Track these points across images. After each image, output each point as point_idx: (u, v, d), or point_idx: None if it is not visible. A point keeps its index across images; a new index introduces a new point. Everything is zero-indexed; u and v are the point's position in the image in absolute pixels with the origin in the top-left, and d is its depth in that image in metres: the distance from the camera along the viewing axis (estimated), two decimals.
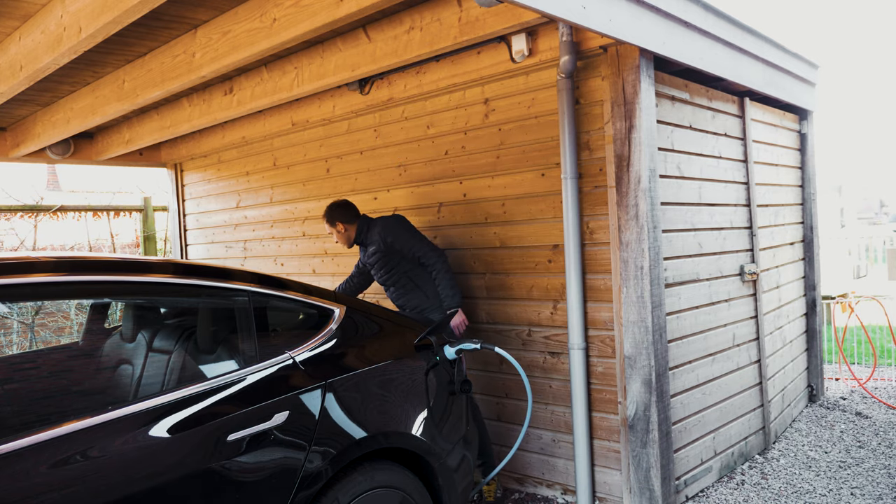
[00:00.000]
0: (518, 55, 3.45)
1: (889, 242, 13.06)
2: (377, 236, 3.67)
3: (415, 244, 3.62)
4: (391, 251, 3.65)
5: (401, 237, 3.63)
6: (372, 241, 3.72)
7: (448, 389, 2.78)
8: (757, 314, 4.21)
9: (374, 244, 3.69)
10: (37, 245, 6.87)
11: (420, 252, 3.62)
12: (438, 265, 3.60)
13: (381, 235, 3.64)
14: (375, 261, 3.74)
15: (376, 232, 3.68)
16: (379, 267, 3.74)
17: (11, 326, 5.97)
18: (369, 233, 3.76)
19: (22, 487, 1.60)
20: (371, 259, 3.76)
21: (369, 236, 3.75)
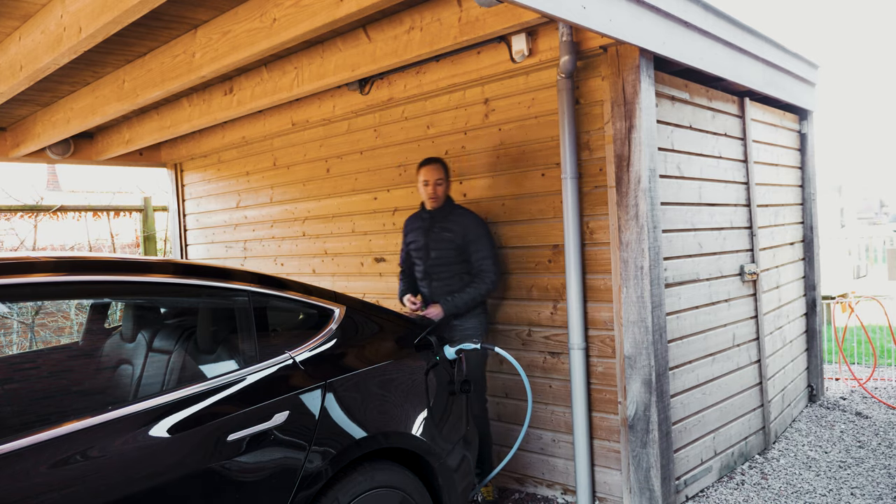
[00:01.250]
0: (518, 55, 3.45)
1: (889, 242, 13.05)
2: (463, 222, 3.46)
3: (489, 253, 3.47)
4: (465, 245, 3.46)
5: (483, 238, 3.47)
6: (454, 224, 3.47)
7: (448, 389, 2.78)
8: (757, 314, 4.21)
9: (456, 230, 3.46)
10: (37, 245, 6.87)
11: (486, 264, 3.45)
12: (488, 279, 3.44)
13: (468, 225, 3.45)
14: (441, 245, 3.49)
15: (465, 218, 3.48)
16: (440, 253, 3.49)
17: (11, 326, 5.97)
18: (453, 213, 3.51)
19: (22, 487, 1.60)
20: (436, 239, 3.50)
21: (453, 217, 3.50)
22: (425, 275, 3.57)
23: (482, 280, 3.45)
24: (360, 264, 4.61)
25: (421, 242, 3.56)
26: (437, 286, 3.52)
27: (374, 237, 4.49)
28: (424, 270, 3.56)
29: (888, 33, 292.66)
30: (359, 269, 4.62)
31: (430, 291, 3.56)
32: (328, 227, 4.84)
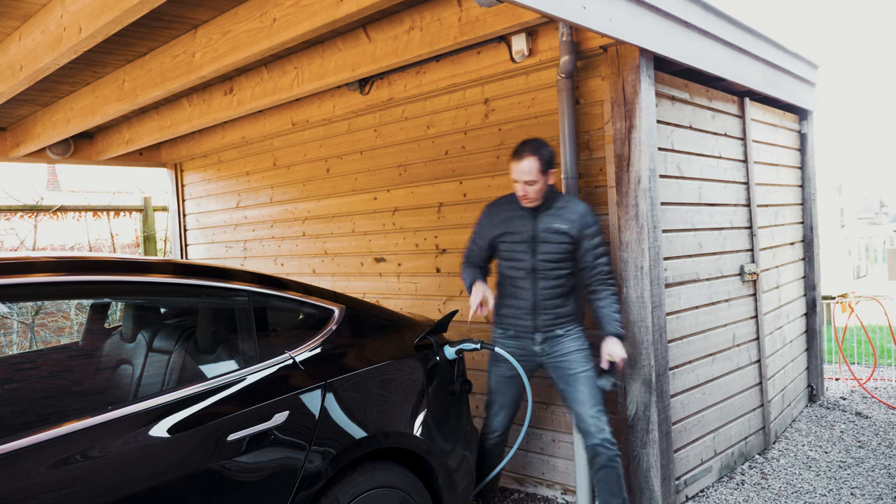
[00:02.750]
0: (518, 55, 3.45)
1: (889, 242, 13.05)
2: (578, 210, 2.98)
3: (603, 247, 3.03)
4: (581, 238, 2.97)
5: (600, 232, 3.02)
6: (568, 212, 2.98)
7: (448, 389, 2.78)
8: (757, 314, 4.21)
9: (571, 219, 2.96)
10: (37, 245, 6.87)
11: (605, 259, 3.01)
12: (613, 281, 3.02)
13: (585, 214, 2.98)
14: (554, 238, 2.96)
15: (579, 206, 3.01)
16: (552, 248, 2.97)
17: (11, 326, 5.97)
18: (560, 200, 3.03)
19: (22, 487, 1.60)
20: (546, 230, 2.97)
21: (561, 204, 3.01)
22: (530, 273, 3.01)
23: (606, 282, 3.02)
24: (360, 264, 4.61)
25: (527, 233, 3.00)
26: (545, 287, 3.01)
27: (374, 237, 4.49)
28: (531, 267, 3.00)
29: (888, 33, 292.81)
30: (359, 269, 4.62)
31: (533, 294, 3.02)
32: (328, 227, 4.84)
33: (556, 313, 3.04)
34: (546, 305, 3.03)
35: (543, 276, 3.00)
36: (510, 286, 3.09)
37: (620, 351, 2.95)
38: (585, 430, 2.98)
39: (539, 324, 3.04)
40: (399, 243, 4.32)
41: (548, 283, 3.01)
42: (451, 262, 4.03)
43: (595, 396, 2.98)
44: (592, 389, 2.99)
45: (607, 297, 3.01)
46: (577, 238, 2.97)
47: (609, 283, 3.02)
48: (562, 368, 3.04)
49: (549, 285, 3.01)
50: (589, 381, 2.99)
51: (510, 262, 3.06)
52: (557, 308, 3.03)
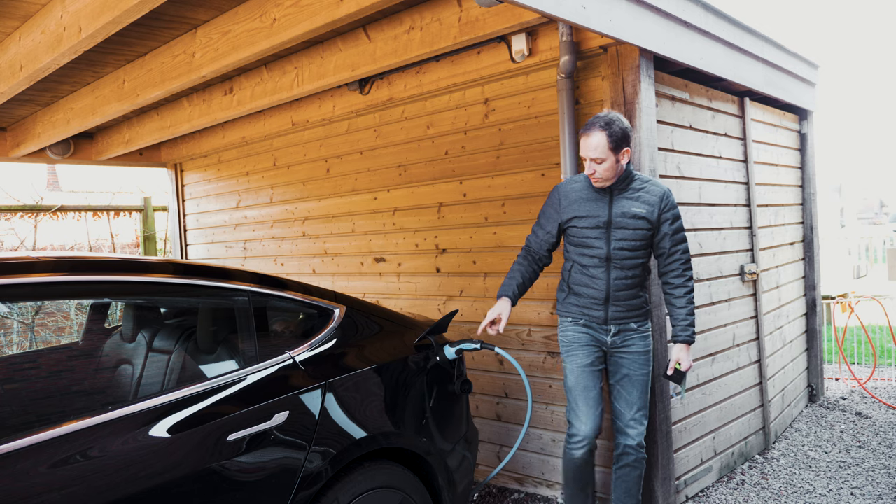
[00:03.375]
0: (518, 55, 3.45)
1: (889, 242, 13.05)
2: (657, 192, 2.78)
3: (683, 233, 2.84)
4: (659, 225, 2.78)
5: (679, 216, 2.82)
6: (647, 194, 2.77)
7: (448, 389, 2.78)
8: (757, 314, 4.21)
9: (650, 201, 2.76)
10: (37, 245, 6.87)
11: (684, 247, 2.81)
12: (691, 273, 2.82)
13: (663, 197, 2.78)
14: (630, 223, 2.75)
15: (658, 188, 2.79)
16: (628, 234, 2.76)
17: (11, 326, 5.97)
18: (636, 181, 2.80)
19: (22, 487, 1.60)
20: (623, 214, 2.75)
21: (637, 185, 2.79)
22: (603, 261, 2.79)
23: (683, 274, 2.81)
24: (360, 264, 4.61)
25: (602, 218, 2.77)
26: (619, 277, 2.79)
27: (374, 237, 4.49)
28: (605, 256, 2.78)
29: (888, 33, 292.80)
30: (359, 269, 4.62)
31: (606, 284, 2.80)
32: (328, 227, 4.84)
33: (629, 305, 2.84)
34: (619, 296, 2.82)
35: (618, 265, 2.79)
36: (581, 274, 2.85)
37: (687, 358, 2.82)
38: (621, 430, 2.89)
39: (612, 315, 2.84)
40: (399, 243, 4.32)
41: (622, 273, 2.79)
42: (451, 262, 4.03)
43: (643, 399, 2.88)
44: (643, 394, 2.88)
45: (682, 294, 2.81)
46: (656, 223, 2.77)
47: (685, 276, 2.81)
48: (623, 366, 2.89)
49: (623, 275, 2.79)
50: (643, 385, 2.88)
51: (581, 248, 2.83)
52: (631, 299, 2.83)
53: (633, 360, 2.88)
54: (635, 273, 2.82)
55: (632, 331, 2.87)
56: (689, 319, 2.81)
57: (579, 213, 2.81)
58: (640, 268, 2.83)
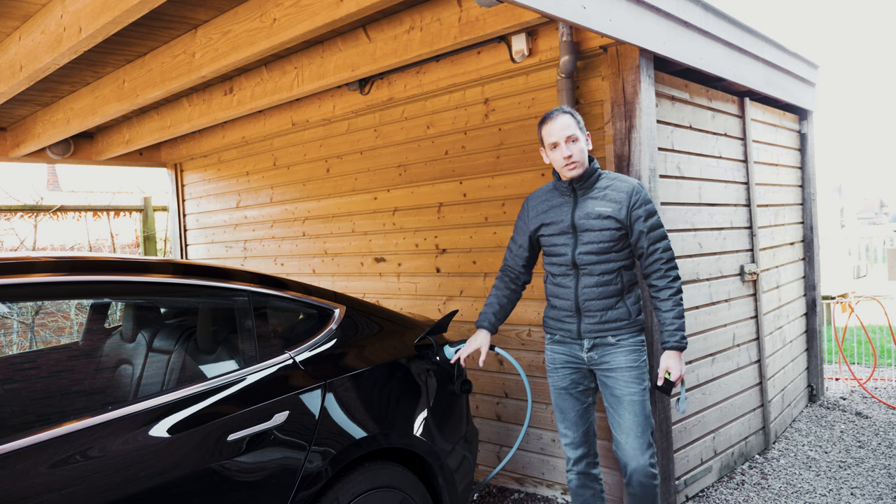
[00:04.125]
0: (518, 55, 3.45)
1: (889, 242, 13.06)
2: (623, 188, 2.59)
3: (661, 230, 2.60)
4: (631, 222, 2.57)
5: (654, 211, 2.59)
6: (613, 191, 2.59)
7: (448, 389, 2.78)
8: (757, 314, 4.21)
9: (616, 198, 2.57)
10: (37, 245, 6.87)
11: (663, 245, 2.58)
12: (675, 273, 2.57)
13: (632, 192, 2.57)
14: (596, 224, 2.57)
15: (624, 183, 2.61)
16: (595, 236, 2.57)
17: (11, 326, 5.97)
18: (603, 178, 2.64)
19: (22, 487, 1.60)
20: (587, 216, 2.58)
21: (604, 183, 2.62)
22: (571, 268, 2.63)
23: (666, 275, 2.58)
24: (360, 264, 4.61)
25: (566, 223, 2.62)
26: (588, 285, 2.60)
27: (374, 237, 4.49)
28: (571, 261, 2.62)
29: (888, 33, 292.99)
30: (359, 269, 4.62)
31: (574, 293, 2.63)
32: (328, 227, 4.84)
33: (604, 316, 2.59)
34: (590, 307, 2.60)
35: (586, 272, 2.59)
36: (553, 284, 2.72)
37: (677, 366, 2.57)
38: (622, 458, 2.65)
39: (584, 328, 2.63)
40: (399, 243, 4.32)
41: (591, 280, 2.59)
42: (450, 262, 4.03)
43: (639, 424, 2.59)
44: (637, 416, 2.59)
45: (667, 297, 2.57)
46: (626, 222, 2.55)
47: (669, 276, 2.57)
48: (608, 385, 2.65)
49: (592, 282, 2.59)
50: (634, 405, 2.59)
51: (551, 256, 2.70)
52: (606, 310, 2.59)
53: (616, 377, 2.61)
54: (609, 280, 2.58)
55: (609, 345, 2.61)
56: (677, 323, 2.56)
57: (545, 220, 2.69)
58: (614, 274, 2.59)
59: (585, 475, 2.80)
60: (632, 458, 2.60)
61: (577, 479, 2.80)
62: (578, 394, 2.74)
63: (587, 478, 2.81)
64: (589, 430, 2.78)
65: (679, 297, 2.58)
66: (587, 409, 2.77)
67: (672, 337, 2.57)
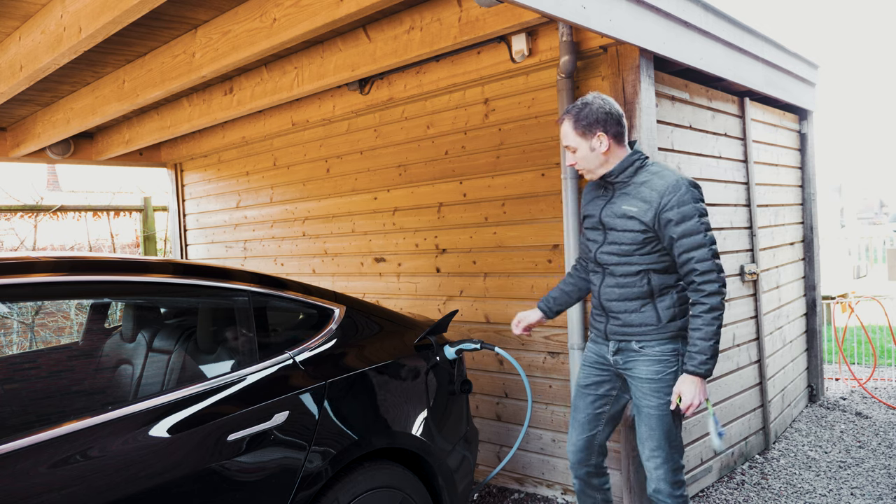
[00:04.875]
0: (518, 55, 3.45)
1: (889, 242, 13.06)
2: (656, 187, 2.36)
3: (702, 239, 2.31)
4: (660, 226, 2.35)
5: (691, 216, 2.31)
6: (645, 189, 2.38)
7: (448, 389, 2.78)
8: (757, 314, 4.21)
9: (647, 201, 2.36)
10: (37, 245, 6.87)
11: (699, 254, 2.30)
12: (713, 288, 2.29)
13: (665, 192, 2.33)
14: (620, 224, 2.42)
15: (659, 181, 2.37)
16: (617, 236, 2.43)
17: (11, 326, 5.97)
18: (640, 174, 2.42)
19: (22, 487, 1.60)
20: (613, 214, 2.44)
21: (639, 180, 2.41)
22: (598, 266, 2.53)
23: (699, 288, 2.32)
24: (360, 264, 4.61)
25: (596, 218, 2.51)
26: (610, 285, 2.48)
27: (374, 237, 4.49)
28: (596, 259, 2.52)
29: (888, 33, 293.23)
30: (359, 269, 4.62)
31: (598, 293, 2.54)
32: (328, 227, 4.84)
33: (626, 320, 2.45)
34: (612, 308, 2.48)
35: (609, 271, 2.47)
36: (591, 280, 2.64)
37: (691, 394, 2.32)
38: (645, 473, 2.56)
39: (610, 329, 2.51)
40: (399, 243, 4.32)
41: (612, 280, 2.46)
42: (451, 262, 4.03)
43: (653, 439, 2.45)
44: (652, 431, 2.45)
45: (697, 314, 2.33)
46: (652, 225, 2.34)
47: (702, 291, 2.30)
48: (633, 394, 2.52)
49: (614, 283, 2.46)
50: (651, 419, 2.45)
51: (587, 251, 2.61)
52: (629, 313, 2.44)
53: (637, 387, 2.48)
54: (632, 282, 2.42)
55: (633, 351, 2.46)
56: (700, 345, 2.31)
57: (585, 212, 2.59)
58: (637, 276, 2.41)
59: (585, 483, 2.72)
60: (647, 469, 2.51)
61: (578, 483, 2.74)
62: (595, 397, 2.63)
63: (588, 486, 2.72)
64: (594, 437, 2.64)
65: (712, 316, 2.30)
66: (597, 416, 2.63)
67: (691, 360, 2.33)
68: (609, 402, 2.64)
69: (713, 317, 2.30)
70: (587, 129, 2.41)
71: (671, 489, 2.47)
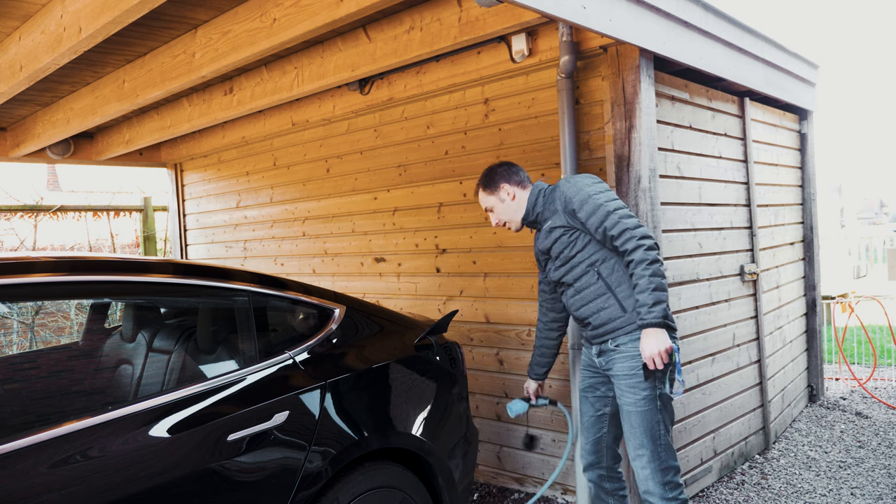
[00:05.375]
0: (518, 55, 3.45)
1: (889, 242, 13.05)
2: (558, 198, 2.53)
3: (602, 208, 2.39)
4: (579, 221, 2.47)
5: (585, 196, 2.43)
6: (551, 212, 2.57)
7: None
8: (757, 314, 4.21)
9: (554, 215, 2.55)
10: (37, 245, 6.87)
11: (609, 222, 2.37)
12: (633, 244, 2.33)
13: (565, 195, 2.49)
14: (552, 244, 2.56)
15: (559, 191, 2.54)
16: (556, 254, 2.57)
17: (11, 326, 5.97)
18: (548, 199, 2.60)
19: (22, 487, 1.60)
20: (546, 243, 2.60)
21: (548, 206, 2.59)
22: (560, 287, 2.66)
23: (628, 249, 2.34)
24: (360, 264, 4.61)
25: (540, 254, 2.71)
26: (572, 296, 2.58)
27: (374, 237, 4.49)
28: (553, 281, 2.67)
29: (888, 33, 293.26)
30: (359, 269, 4.62)
31: (569, 307, 2.64)
32: (328, 227, 4.84)
33: (596, 322, 2.51)
34: (582, 315, 2.56)
35: (567, 284, 2.59)
36: None
37: (651, 345, 2.28)
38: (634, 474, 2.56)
39: (587, 335, 2.64)
40: (399, 243, 4.32)
41: (572, 291, 2.57)
42: (450, 262, 4.03)
43: (635, 437, 2.44)
44: (633, 429, 2.44)
45: (632, 271, 2.34)
46: (570, 222, 2.49)
47: (625, 251, 2.34)
48: (616, 394, 2.56)
49: (573, 292, 2.56)
50: (631, 416, 2.45)
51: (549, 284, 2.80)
52: (596, 314, 2.51)
53: (617, 385, 2.51)
54: (586, 283, 2.51)
55: (611, 351, 2.51)
56: (642, 298, 2.28)
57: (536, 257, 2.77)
58: (588, 275, 2.49)
59: (598, 486, 2.76)
60: (634, 470, 2.50)
61: (590, 487, 2.78)
62: (594, 399, 2.74)
63: (601, 490, 2.76)
64: (601, 439, 2.72)
65: (642, 268, 2.29)
66: (600, 418, 2.73)
67: (638, 316, 2.31)
68: (607, 403, 2.73)
69: (643, 268, 2.29)
70: (493, 186, 2.69)
71: (662, 490, 2.42)
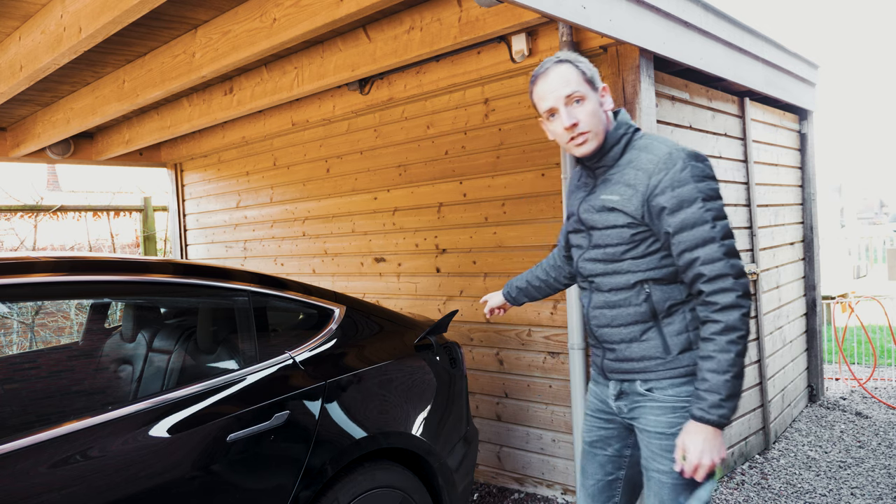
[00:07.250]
0: (518, 55, 3.45)
1: (889, 242, 13.06)
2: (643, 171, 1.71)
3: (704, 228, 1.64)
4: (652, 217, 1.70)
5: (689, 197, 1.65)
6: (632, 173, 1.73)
7: (448, 391, 2.78)
8: (757, 314, 4.21)
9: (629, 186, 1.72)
10: (37, 245, 6.87)
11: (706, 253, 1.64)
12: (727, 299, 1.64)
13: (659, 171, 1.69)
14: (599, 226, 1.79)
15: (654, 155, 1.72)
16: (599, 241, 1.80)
17: (11, 326, 5.97)
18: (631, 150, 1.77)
19: (22, 487, 1.60)
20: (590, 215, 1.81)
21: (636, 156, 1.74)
22: (584, 282, 1.90)
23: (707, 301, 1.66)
24: (360, 264, 4.61)
25: (575, 216, 1.90)
26: (597, 305, 1.84)
27: (374, 237, 4.49)
28: (579, 271, 1.90)
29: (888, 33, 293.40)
30: (359, 269, 4.62)
31: (588, 316, 1.89)
32: (328, 227, 4.84)
33: (624, 353, 1.80)
34: (605, 336, 1.83)
35: (595, 286, 1.84)
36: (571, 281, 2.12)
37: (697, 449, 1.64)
38: None
39: (607, 364, 1.87)
40: (399, 243, 4.32)
41: (600, 298, 1.82)
42: (451, 262, 4.03)
43: None
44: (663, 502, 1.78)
45: (707, 335, 1.68)
46: (642, 216, 1.70)
47: (713, 305, 1.65)
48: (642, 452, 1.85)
49: (603, 302, 1.82)
50: (663, 488, 1.77)
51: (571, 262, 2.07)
52: (626, 343, 1.79)
53: (645, 442, 1.81)
54: (625, 299, 1.77)
55: (639, 395, 1.80)
56: (712, 381, 1.65)
57: (568, 209, 1.96)
58: (632, 290, 1.76)
59: None
60: None
61: None
62: (605, 459, 1.97)
63: None
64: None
65: (728, 339, 1.67)
66: (610, 484, 1.97)
67: (698, 401, 1.66)
68: (623, 466, 1.97)
69: (729, 340, 1.66)
70: (593, 81, 1.76)
71: None
